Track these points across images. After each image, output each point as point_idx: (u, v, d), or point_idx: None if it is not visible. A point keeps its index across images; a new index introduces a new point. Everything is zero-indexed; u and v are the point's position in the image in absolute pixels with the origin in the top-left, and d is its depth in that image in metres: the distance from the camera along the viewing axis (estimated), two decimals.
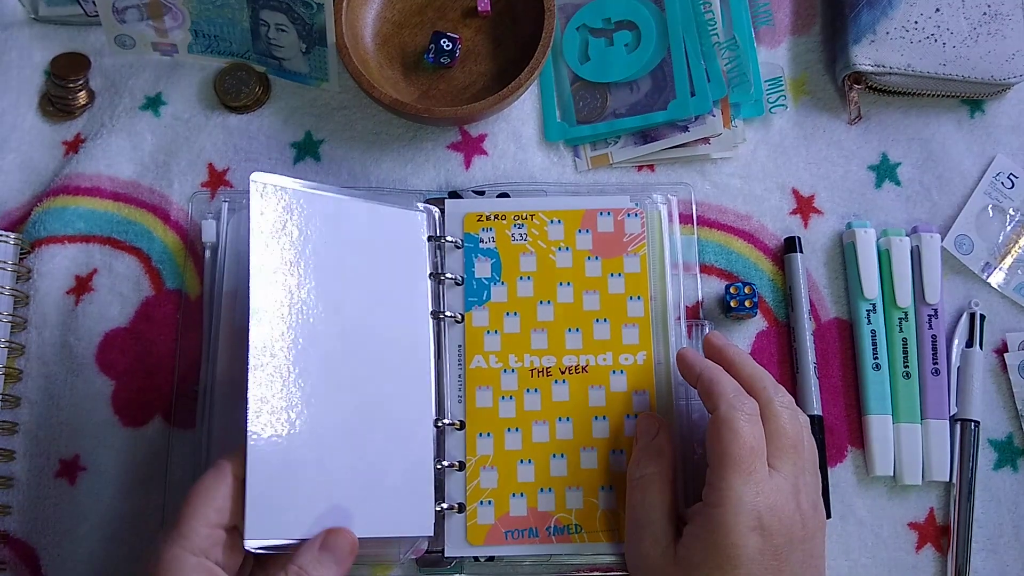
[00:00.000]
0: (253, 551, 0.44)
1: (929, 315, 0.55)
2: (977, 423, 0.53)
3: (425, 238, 0.54)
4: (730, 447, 0.44)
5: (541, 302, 0.54)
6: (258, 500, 0.44)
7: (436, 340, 0.54)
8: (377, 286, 0.51)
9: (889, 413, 0.54)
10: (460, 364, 0.53)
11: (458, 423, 0.52)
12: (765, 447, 0.45)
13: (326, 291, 0.49)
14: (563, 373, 0.53)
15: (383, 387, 0.50)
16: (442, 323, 0.54)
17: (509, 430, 0.52)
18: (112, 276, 0.56)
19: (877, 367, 0.54)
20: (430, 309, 0.53)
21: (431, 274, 0.54)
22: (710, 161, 0.59)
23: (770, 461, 0.45)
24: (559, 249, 0.55)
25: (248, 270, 0.47)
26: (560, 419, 0.52)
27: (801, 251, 0.56)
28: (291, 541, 0.45)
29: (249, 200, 0.47)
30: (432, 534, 0.49)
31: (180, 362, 0.55)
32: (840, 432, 0.54)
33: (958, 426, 0.54)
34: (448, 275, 0.54)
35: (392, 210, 0.53)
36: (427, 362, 0.52)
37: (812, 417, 0.53)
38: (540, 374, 0.53)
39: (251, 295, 0.46)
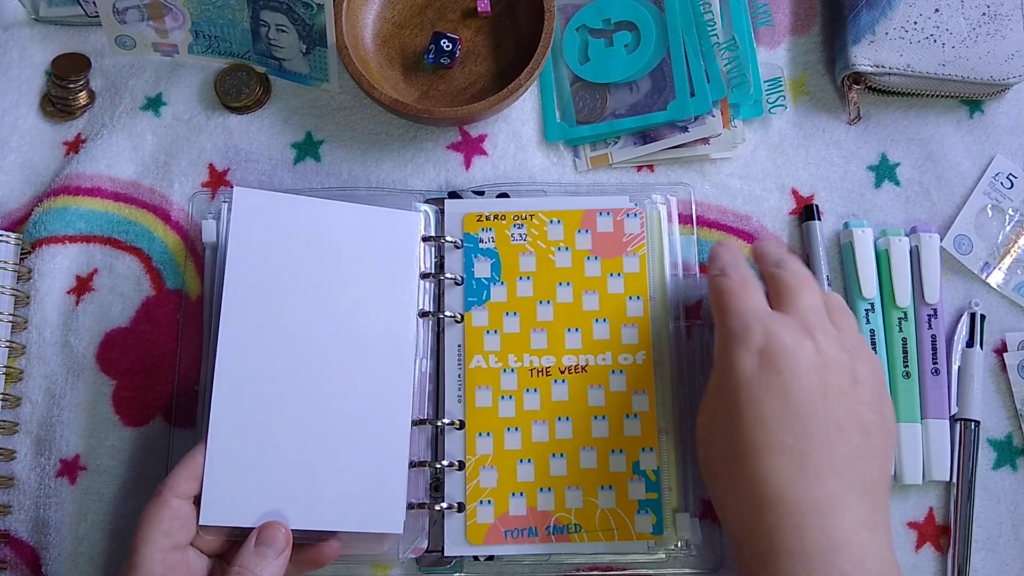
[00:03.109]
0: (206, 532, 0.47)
1: (928, 315, 0.55)
2: (977, 423, 0.53)
3: (418, 238, 0.54)
4: (722, 302, 0.45)
5: (541, 302, 0.54)
6: (215, 485, 0.47)
7: (436, 340, 0.54)
8: (360, 287, 0.52)
9: None
10: (460, 364, 0.53)
11: (458, 423, 0.52)
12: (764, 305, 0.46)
13: (304, 293, 0.51)
14: (563, 373, 0.53)
15: (359, 386, 0.51)
16: (442, 323, 0.54)
17: (509, 430, 0.52)
18: (113, 276, 0.57)
19: None
20: (418, 309, 0.53)
21: (429, 274, 0.54)
22: (709, 161, 0.59)
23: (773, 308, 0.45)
24: (559, 249, 0.55)
25: (241, 273, 0.50)
26: (560, 419, 0.52)
27: (819, 219, 0.56)
28: (247, 526, 0.47)
29: (232, 205, 0.51)
30: (401, 531, 0.49)
31: (181, 362, 0.55)
32: None
33: (958, 426, 0.54)
34: (448, 275, 0.54)
35: (381, 211, 0.54)
36: (408, 362, 0.52)
37: None
38: (540, 374, 0.53)
39: (224, 296, 0.50)
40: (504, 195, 0.57)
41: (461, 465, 0.52)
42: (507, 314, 0.54)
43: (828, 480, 0.40)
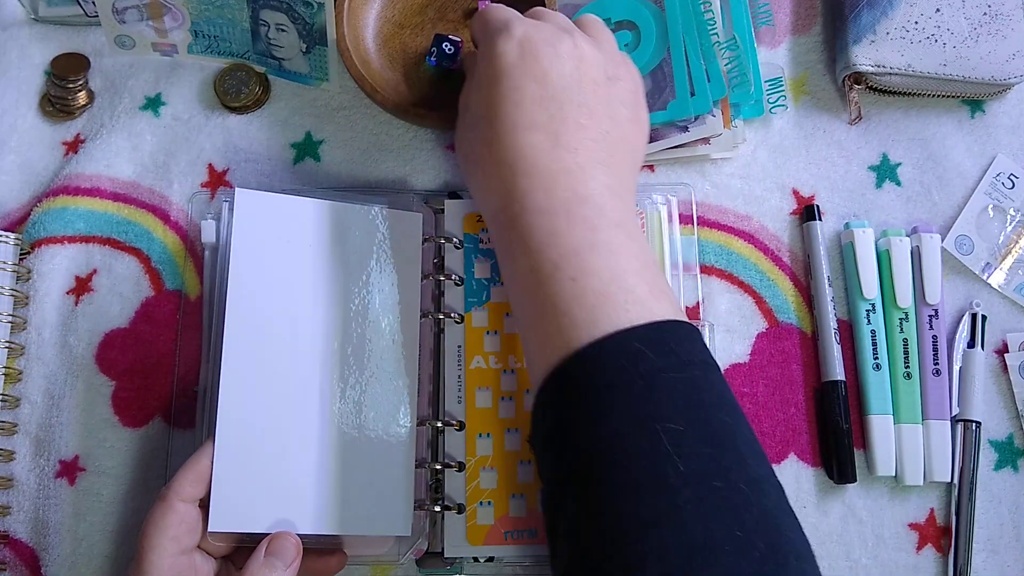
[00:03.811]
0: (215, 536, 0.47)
1: (930, 315, 0.55)
2: (978, 424, 0.53)
3: (420, 238, 0.54)
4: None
5: None
6: (223, 492, 0.47)
7: (436, 340, 0.54)
8: (364, 287, 0.52)
9: (890, 413, 0.54)
10: (460, 364, 0.53)
11: (458, 423, 0.52)
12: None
13: (308, 295, 0.51)
14: None
15: (365, 388, 0.50)
16: (442, 323, 0.54)
17: (509, 431, 0.52)
18: (112, 276, 0.56)
19: (877, 367, 0.54)
20: (421, 310, 0.53)
21: (429, 274, 0.54)
22: (710, 161, 0.58)
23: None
24: None
25: (241, 274, 0.50)
26: None
27: (820, 219, 0.56)
28: (256, 532, 0.47)
29: (234, 206, 0.51)
30: (409, 534, 0.49)
31: (180, 362, 0.55)
32: None
33: (959, 427, 0.53)
34: (448, 275, 0.54)
35: (384, 211, 0.54)
36: (413, 362, 0.52)
37: (836, 383, 0.53)
38: None
39: (228, 300, 0.49)
40: None
41: (461, 466, 0.51)
42: (507, 315, 0.54)
43: (578, 152, 0.44)
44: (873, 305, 0.55)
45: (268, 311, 0.50)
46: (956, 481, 0.53)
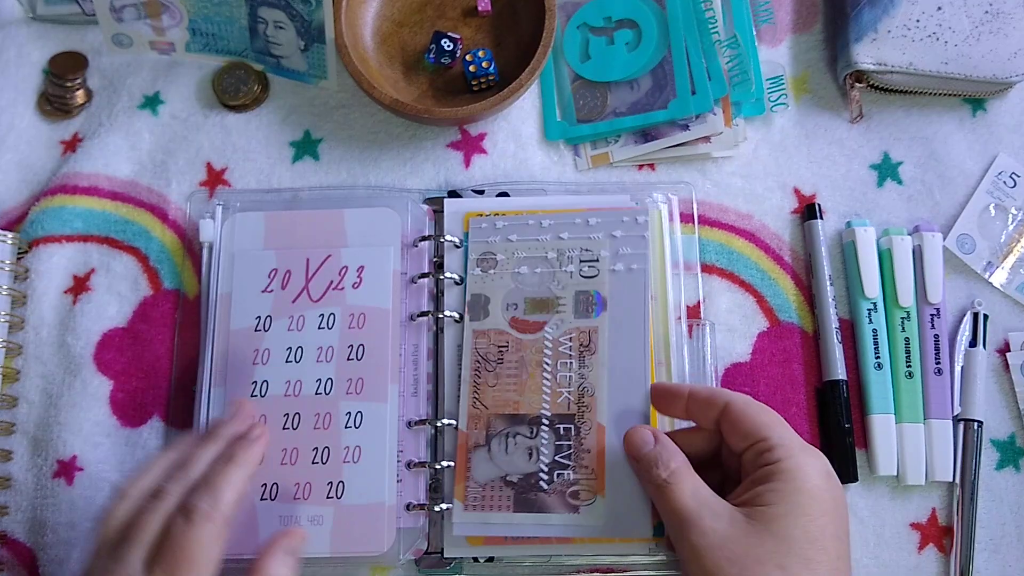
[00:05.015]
0: None
1: (931, 314, 0.54)
2: (980, 423, 0.53)
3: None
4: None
5: None
6: None
7: (435, 340, 0.54)
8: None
9: (892, 413, 0.53)
10: (460, 364, 0.53)
11: (458, 423, 0.52)
12: None
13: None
14: None
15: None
16: (441, 323, 0.53)
17: None
18: (110, 275, 0.56)
19: (879, 366, 0.54)
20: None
21: (429, 274, 0.54)
22: (711, 160, 0.58)
23: None
24: None
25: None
26: None
27: (821, 217, 0.56)
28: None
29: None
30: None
31: (178, 361, 0.55)
32: None
33: (961, 426, 0.53)
34: (448, 275, 0.54)
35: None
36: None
37: (837, 382, 0.53)
38: None
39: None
40: (504, 194, 0.57)
41: None
42: None
43: None
44: (874, 304, 0.55)
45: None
46: (958, 481, 0.53)
